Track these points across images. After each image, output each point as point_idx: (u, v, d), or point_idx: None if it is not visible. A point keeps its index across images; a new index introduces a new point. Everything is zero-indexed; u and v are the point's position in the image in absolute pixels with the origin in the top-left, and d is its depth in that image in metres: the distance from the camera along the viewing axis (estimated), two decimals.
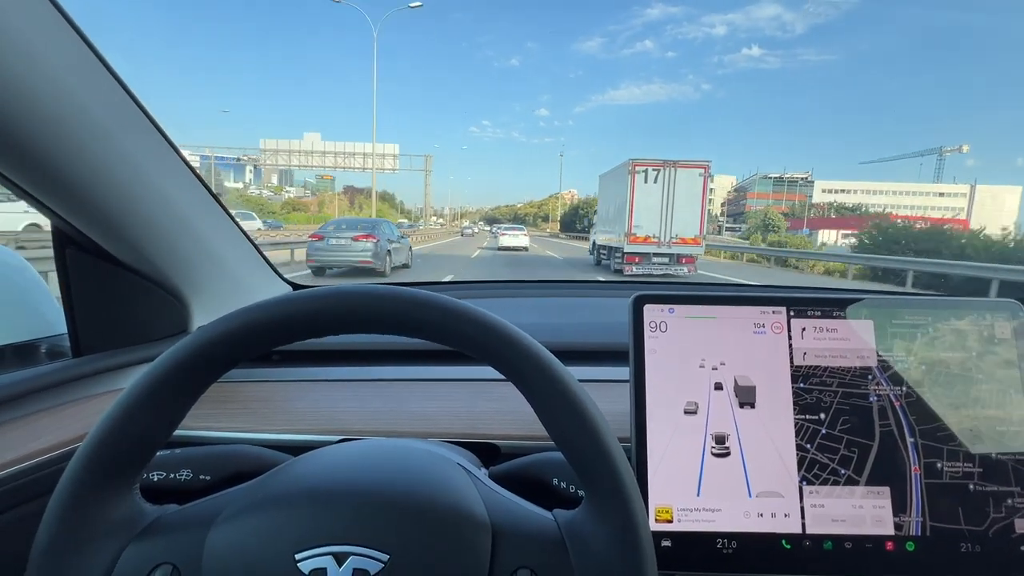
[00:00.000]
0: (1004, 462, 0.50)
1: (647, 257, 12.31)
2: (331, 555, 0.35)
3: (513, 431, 0.63)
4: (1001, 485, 0.49)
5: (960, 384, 0.52)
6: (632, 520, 0.35)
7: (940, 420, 0.51)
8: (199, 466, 0.53)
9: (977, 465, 0.50)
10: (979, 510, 0.49)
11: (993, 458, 0.50)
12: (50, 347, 0.81)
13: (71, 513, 0.35)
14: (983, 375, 0.52)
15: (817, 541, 0.48)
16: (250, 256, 0.94)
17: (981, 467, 0.50)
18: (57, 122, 0.55)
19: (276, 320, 0.36)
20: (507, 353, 0.36)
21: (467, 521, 0.37)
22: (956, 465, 0.50)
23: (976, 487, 0.49)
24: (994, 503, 0.49)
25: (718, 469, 0.50)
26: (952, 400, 0.51)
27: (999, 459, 0.50)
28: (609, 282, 1.38)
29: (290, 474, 0.41)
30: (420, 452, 0.45)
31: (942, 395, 0.51)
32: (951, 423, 0.51)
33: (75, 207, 0.65)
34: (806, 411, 0.51)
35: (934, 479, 0.50)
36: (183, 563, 0.36)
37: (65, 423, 0.62)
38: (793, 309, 0.53)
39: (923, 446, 0.50)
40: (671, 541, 0.49)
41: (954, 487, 0.49)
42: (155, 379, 0.36)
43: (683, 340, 0.52)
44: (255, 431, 0.64)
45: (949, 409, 0.51)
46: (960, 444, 0.50)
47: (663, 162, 12.38)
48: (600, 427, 0.36)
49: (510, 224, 31.50)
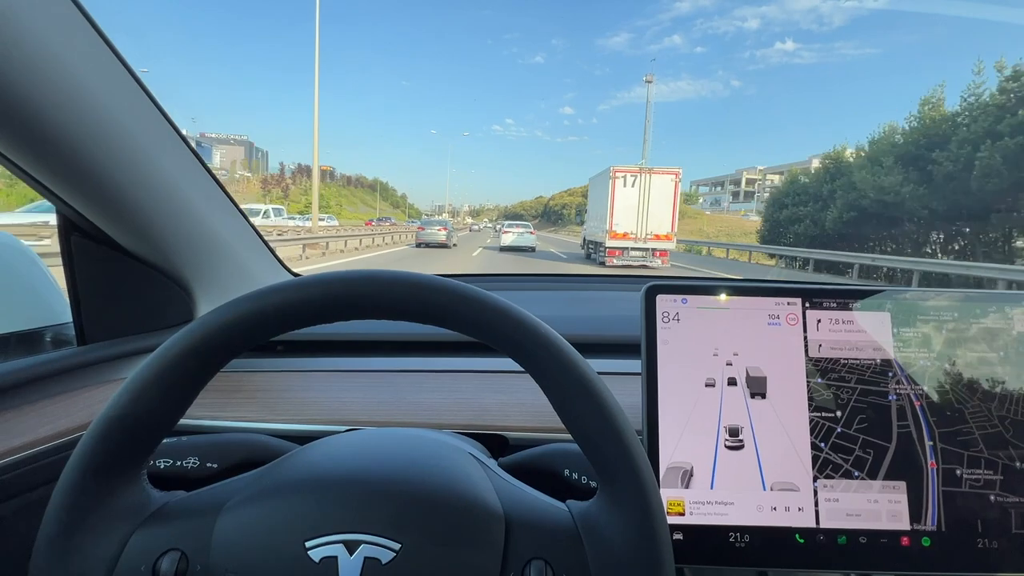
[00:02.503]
0: None
1: (626, 251, 14.39)
2: (342, 543, 0.34)
3: (520, 422, 0.63)
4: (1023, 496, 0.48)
5: (982, 384, 0.50)
6: (649, 512, 0.34)
7: (961, 423, 0.49)
8: (206, 454, 0.53)
9: (999, 473, 0.48)
10: (999, 522, 0.47)
11: (1017, 467, 0.48)
12: (55, 335, 0.81)
13: (78, 498, 0.34)
14: (1006, 374, 0.50)
15: (831, 535, 0.48)
16: (255, 246, 0.93)
17: (1003, 475, 0.48)
18: (65, 109, 0.54)
19: (289, 304, 0.35)
20: (522, 341, 0.36)
21: (480, 511, 0.37)
22: (976, 472, 0.48)
23: (997, 498, 0.48)
24: (1016, 517, 0.47)
25: (732, 462, 0.49)
26: (974, 401, 0.50)
27: (1023, 468, 0.48)
28: (620, 276, 1.37)
29: (300, 462, 0.41)
30: (432, 441, 0.44)
31: (964, 396, 0.50)
32: (972, 426, 0.49)
33: (82, 195, 0.64)
34: (822, 407, 0.50)
35: (953, 487, 0.48)
36: (191, 549, 0.35)
37: (71, 411, 0.62)
38: (808, 300, 0.52)
39: (942, 450, 0.49)
40: (683, 534, 0.48)
41: (975, 497, 0.48)
42: (161, 365, 0.35)
43: (696, 331, 0.52)
44: (261, 420, 0.64)
45: (971, 411, 0.49)
46: (981, 450, 0.48)
47: (640, 168, 15.05)
48: (619, 419, 0.35)
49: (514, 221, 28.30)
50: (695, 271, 14.46)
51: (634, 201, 14.39)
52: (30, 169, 0.59)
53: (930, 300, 0.52)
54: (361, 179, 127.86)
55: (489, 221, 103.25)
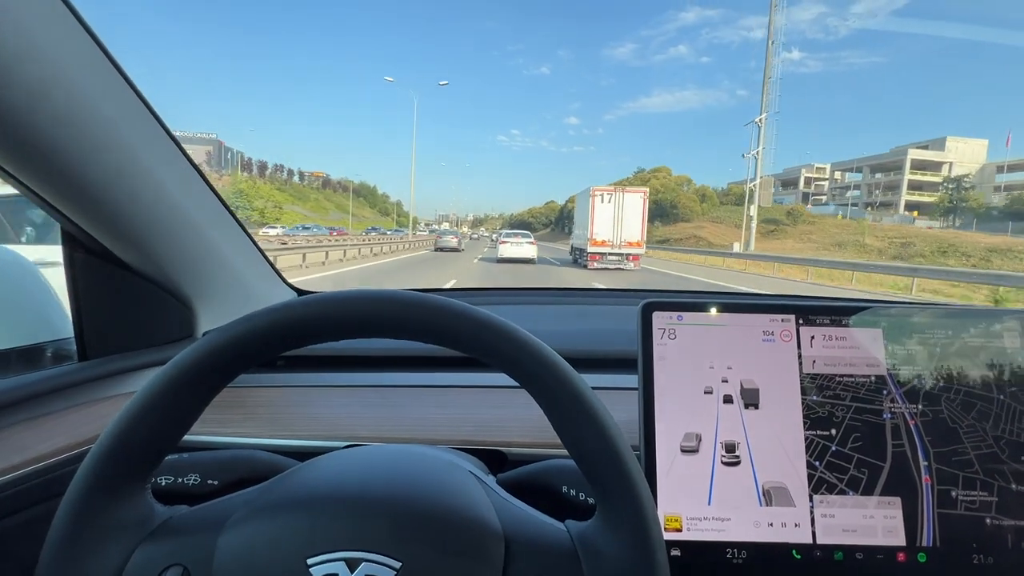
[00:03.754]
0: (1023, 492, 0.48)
1: (604, 256, 17.46)
2: (343, 561, 0.35)
3: (519, 438, 0.63)
4: (1019, 519, 0.48)
5: (977, 403, 0.50)
6: (646, 532, 0.35)
7: (956, 443, 0.49)
8: (207, 471, 0.53)
9: (994, 494, 0.48)
10: (995, 539, 0.47)
11: (1013, 489, 0.48)
12: (57, 351, 0.81)
13: (83, 513, 0.35)
14: (1000, 392, 0.50)
15: (828, 551, 0.48)
16: (255, 260, 0.94)
17: (998, 497, 0.48)
18: (68, 125, 0.55)
19: (292, 323, 0.36)
20: (518, 358, 0.36)
21: (480, 530, 0.37)
22: (972, 495, 0.48)
23: (993, 521, 0.48)
24: (1013, 535, 0.47)
25: (728, 478, 0.49)
26: (968, 421, 0.49)
27: (1019, 490, 0.48)
28: (613, 291, 1.38)
29: (302, 479, 0.41)
30: (432, 458, 0.45)
31: (958, 415, 0.49)
32: (968, 446, 0.49)
33: (85, 211, 0.65)
34: (817, 425, 0.50)
35: (948, 508, 0.48)
36: (194, 565, 0.36)
37: (73, 426, 0.62)
38: (802, 317, 0.53)
39: (937, 471, 0.48)
40: (681, 550, 0.48)
41: (971, 519, 0.48)
42: (168, 382, 0.36)
43: (692, 347, 0.52)
44: (262, 436, 0.64)
45: (965, 431, 0.49)
46: (977, 471, 0.48)
47: (614, 187, 18.73)
48: (615, 436, 0.36)
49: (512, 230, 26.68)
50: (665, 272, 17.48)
51: (610, 214, 17.78)
52: (31, 184, 0.60)
53: (919, 316, 0.53)
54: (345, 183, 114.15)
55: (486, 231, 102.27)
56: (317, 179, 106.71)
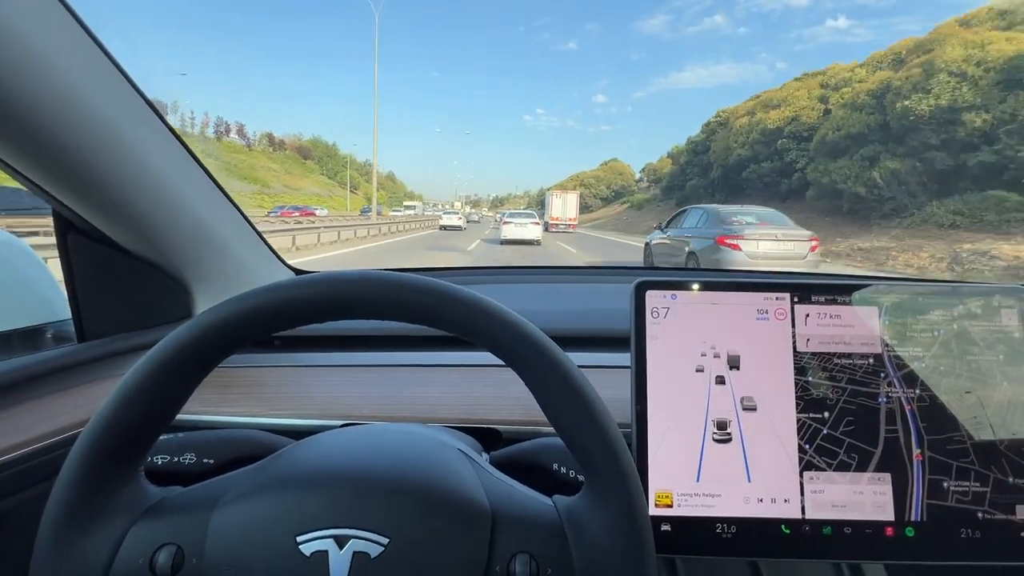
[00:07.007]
0: (1020, 486, 0.47)
1: (556, 225, 30.09)
2: (332, 538, 0.35)
3: (514, 416, 0.64)
4: (1010, 514, 0.47)
5: (977, 388, 0.49)
6: (631, 506, 0.35)
7: (953, 430, 0.48)
8: (202, 450, 0.54)
9: (987, 486, 0.47)
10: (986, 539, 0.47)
11: (1010, 483, 0.47)
12: (55, 332, 0.82)
13: (76, 494, 0.35)
14: (1003, 377, 0.49)
15: (816, 526, 0.49)
16: (252, 241, 0.94)
17: (991, 488, 0.47)
18: (57, 108, 0.55)
19: (278, 305, 0.36)
20: (504, 338, 0.36)
21: (467, 506, 0.37)
22: (964, 485, 0.47)
23: (985, 516, 0.47)
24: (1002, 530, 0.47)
25: (719, 455, 0.50)
26: (967, 407, 0.48)
27: (1015, 483, 0.47)
28: (602, 267, 1.38)
29: (293, 458, 0.42)
30: (421, 437, 0.45)
31: (956, 401, 0.48)
32: (964, 434, 0.48)
33: (76, 193, 0.65)
34: (810, 407, 0.50)
35: (939, 500, 0.47)
36: (187, 544, 0.36)
37: (71, 407, 0.63)
38: (797, 295, 0.52)
39: (930, 460, 0.48)
40: (671, 525, 0.49)
41: (962, 513, 0.47)
42: (158, 362, 0.36)
43: (685, 326, 0.52)
44: (257, 416, 0.65)
45: (964, 418, 0.48)
46: (972, 461, 0.48)
47: (562, 188, 37.23)
48: (598, 412, 0.36)
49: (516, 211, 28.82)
50: (597, 236, 26.71)
51: (561, 203, 31.05)
52: (22, 168, 0.59)
53: (919, 294, 0.52)
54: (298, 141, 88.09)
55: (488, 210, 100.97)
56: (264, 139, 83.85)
